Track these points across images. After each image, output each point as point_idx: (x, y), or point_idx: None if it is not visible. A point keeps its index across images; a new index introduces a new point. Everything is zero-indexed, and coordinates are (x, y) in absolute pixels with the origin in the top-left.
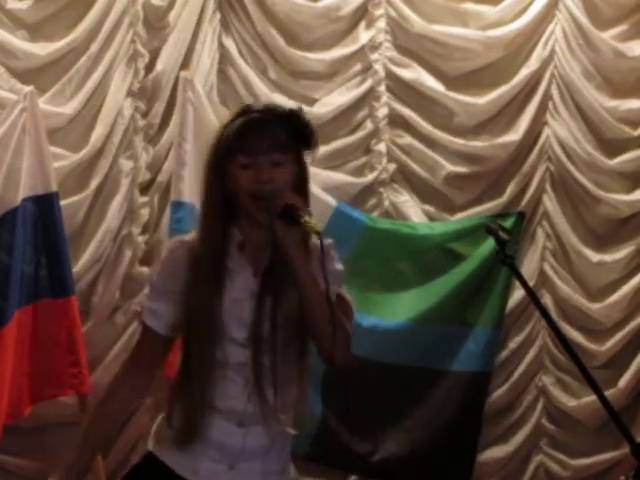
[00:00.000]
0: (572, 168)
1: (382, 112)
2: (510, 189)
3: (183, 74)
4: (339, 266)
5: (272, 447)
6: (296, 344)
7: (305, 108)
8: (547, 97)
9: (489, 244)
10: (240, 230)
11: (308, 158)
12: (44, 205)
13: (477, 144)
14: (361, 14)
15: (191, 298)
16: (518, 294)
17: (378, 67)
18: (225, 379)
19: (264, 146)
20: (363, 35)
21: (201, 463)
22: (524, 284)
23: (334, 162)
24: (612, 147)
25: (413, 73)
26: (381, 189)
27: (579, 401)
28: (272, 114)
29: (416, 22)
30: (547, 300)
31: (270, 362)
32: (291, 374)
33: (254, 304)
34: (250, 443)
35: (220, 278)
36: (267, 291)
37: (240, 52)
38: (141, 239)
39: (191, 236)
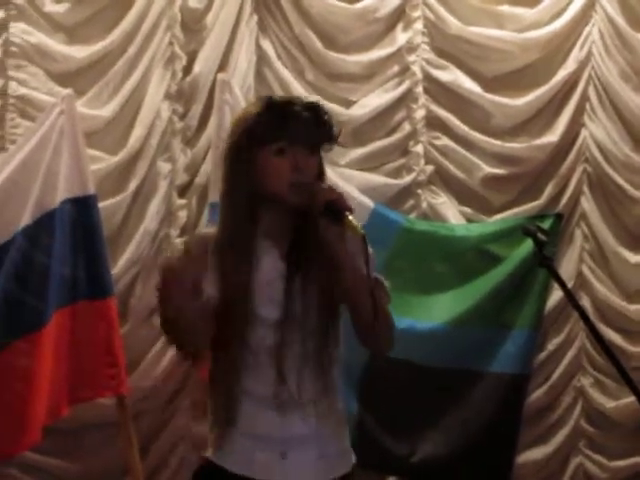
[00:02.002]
0: (609, 169)
1: (419, 114)
2: (548, 190)
3: (220, 76)
4: (371, 249)
5: (323, 430)
6: (326, 330)
7: (342, 110)
8: (584, 98)
9: (527, 245)
10: (264, 218)
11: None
12: (82, 207)
13: (514, 145)
14: (398, 16)
15: (223, 282)
16: (556, 295)
17: (415, 69)
18: (259, 365)
19: (306, 134)
20: (400, 37)
21: (254, 457)
22: (562, 285)
23: (372, 164)
24: None
25: (450, 75)
26: (419, 191)
27: (617, 402)
28: (304, 106)
29: (453, 24)
30: (585, 302)
31: (302, 347)
32: (323, 361)
33: (285, 285)
34: (297, 429)
35: (250, 261)
36: (296, 272)
37: (277, 54)
38: (179, 241)
39: (214, 229)
